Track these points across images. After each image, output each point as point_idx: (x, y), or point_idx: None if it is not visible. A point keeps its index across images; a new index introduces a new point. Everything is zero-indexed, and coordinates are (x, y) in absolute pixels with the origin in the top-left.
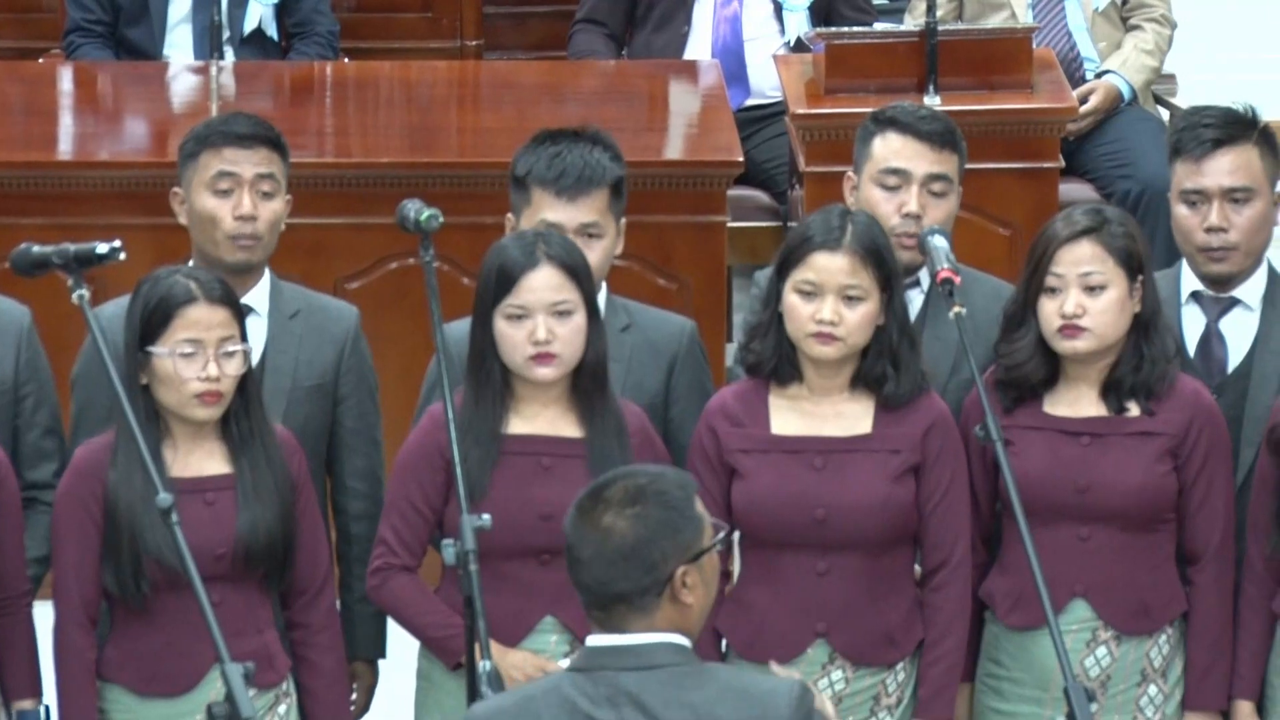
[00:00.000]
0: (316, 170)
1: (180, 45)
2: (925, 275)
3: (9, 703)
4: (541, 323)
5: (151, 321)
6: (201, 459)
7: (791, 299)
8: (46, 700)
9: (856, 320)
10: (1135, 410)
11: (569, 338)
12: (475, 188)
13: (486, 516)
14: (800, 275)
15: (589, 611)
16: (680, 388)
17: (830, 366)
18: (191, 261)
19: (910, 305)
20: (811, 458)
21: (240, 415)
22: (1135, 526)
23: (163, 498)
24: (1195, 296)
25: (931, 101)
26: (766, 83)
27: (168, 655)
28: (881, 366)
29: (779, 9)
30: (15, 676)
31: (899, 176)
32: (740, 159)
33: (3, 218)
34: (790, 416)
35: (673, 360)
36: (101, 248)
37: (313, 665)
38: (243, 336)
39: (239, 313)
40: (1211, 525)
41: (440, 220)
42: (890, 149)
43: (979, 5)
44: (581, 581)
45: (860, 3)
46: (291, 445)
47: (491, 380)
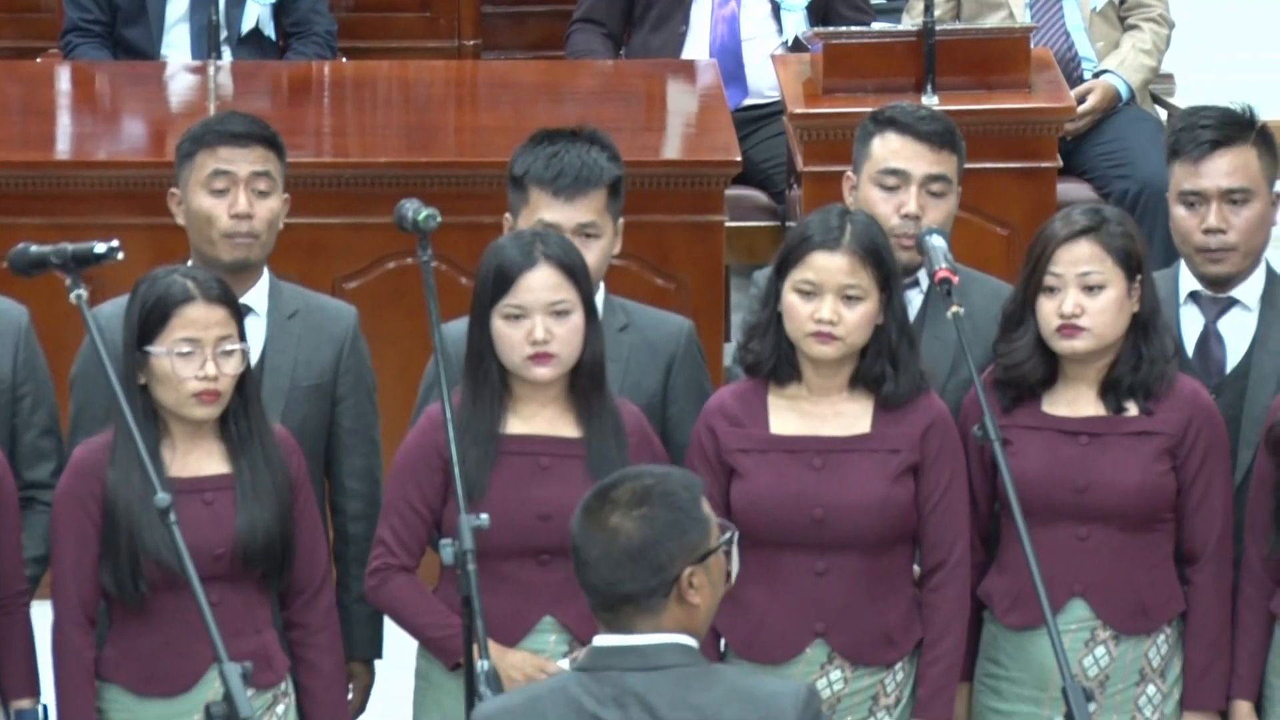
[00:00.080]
0: (314, 170)
1: (178, 45)
2: (924, 275)
3: (7, 702)
4: (539, 323)
5: (149, 321)
6: (200, 459)
7: (790, 298)
8: (45, 700)
9: (855, 320)
10: (1134, 410)
11: (567, 337)
12: (473, 187)
13: (484, 516)
14: (799, 275)
15: (596, 612)
16: (678, 387)
17: (829, 366)
18: (190, 263)
19: (909, 305)
20: (810, 457)
21: (239, 415)
22: (1133, 526)
23: (161, 497)
24: (1193, 296)
25: (929, 101)
26: (764, 82)
27: (166, 655)
28: (880, 366)
29: (777, 9)
30: (13, 676)
31: (898, 177)
32: (738, 159)
33: (1, 217)
34: (789, 416)
35: (671, 360)
36: (99, 247)
37: (311, 665)
38: (241, 336)
39: (237, 312)
40: (1210, 525)
41: (438, 220)
42: (889, 149)
43: (977, 5)
44: (588, 582)
45: (858, 2)
46: (290, 445)
47: (489, 380)
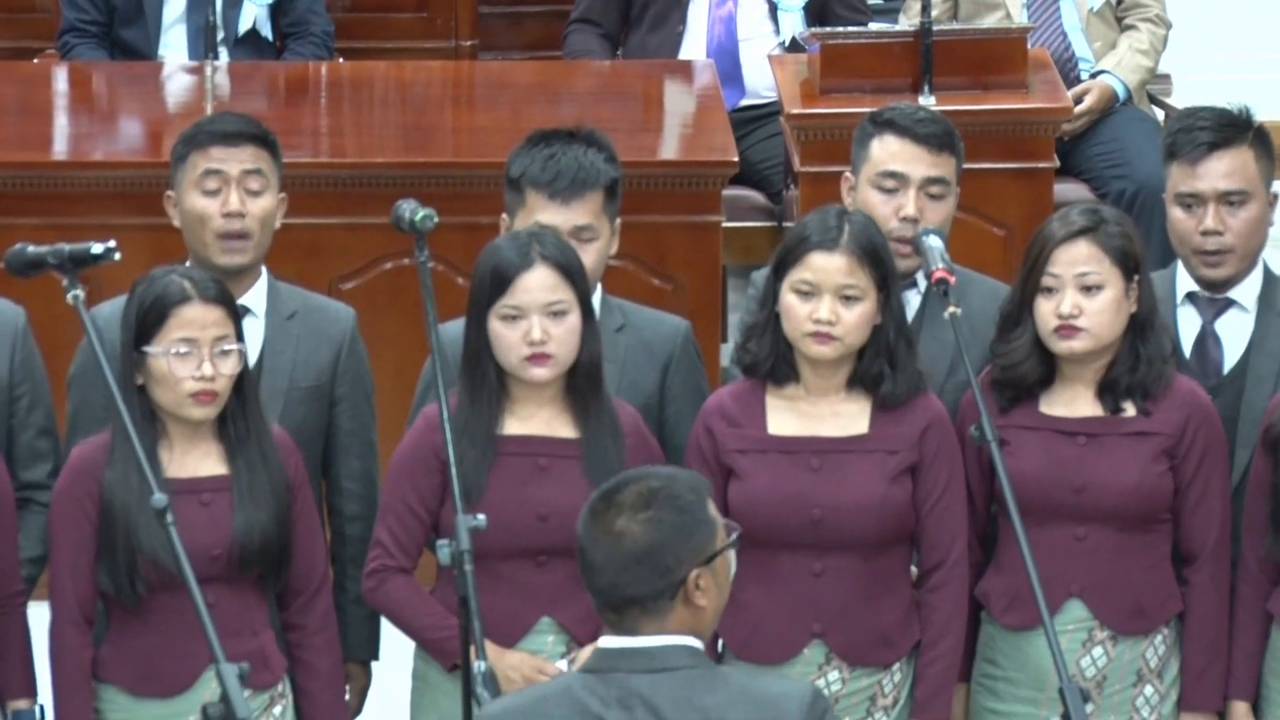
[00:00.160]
0: (311, 170)
1: (175, 46)
2: (922, 276)
3: (4, 702)
4: (536, 323)
5: (146, 321)
6: (198, 459)
7: (788, 299)
8: (41, 700)
9: (854, 320)
10: (1131, 410)
11: (564, 338)
12: (470, 188)
13: (481, 517)
14: (797, 275)
15: (601, 614)
16: (675, 388)
17: (827, 366)
18: (188, 264)
19: (907, 306)
20: (808, 458)
21: (237, 416)
22: (1131, 526)
23: (158, 498)
24: (1191, 297)
25: (926, 101)
26: (761, 83)
27: (163, 655)
28: (878, 366)
29: (774, 9)
30: (10, 676)
31: (897, 180)
32: (735, 159)
33: None
34: (787, 417)
35: (668, 360)
36: (96, 248)
37: (309, 666)
38: (239, 336)
39: (234, 312)
40: (1208, 525)
41: (435, 220)
42: (888, 152)
43: (974, 5)
44: (594, 585)
45: (855, 2)
46: (289, 446)
47: (486, 381)
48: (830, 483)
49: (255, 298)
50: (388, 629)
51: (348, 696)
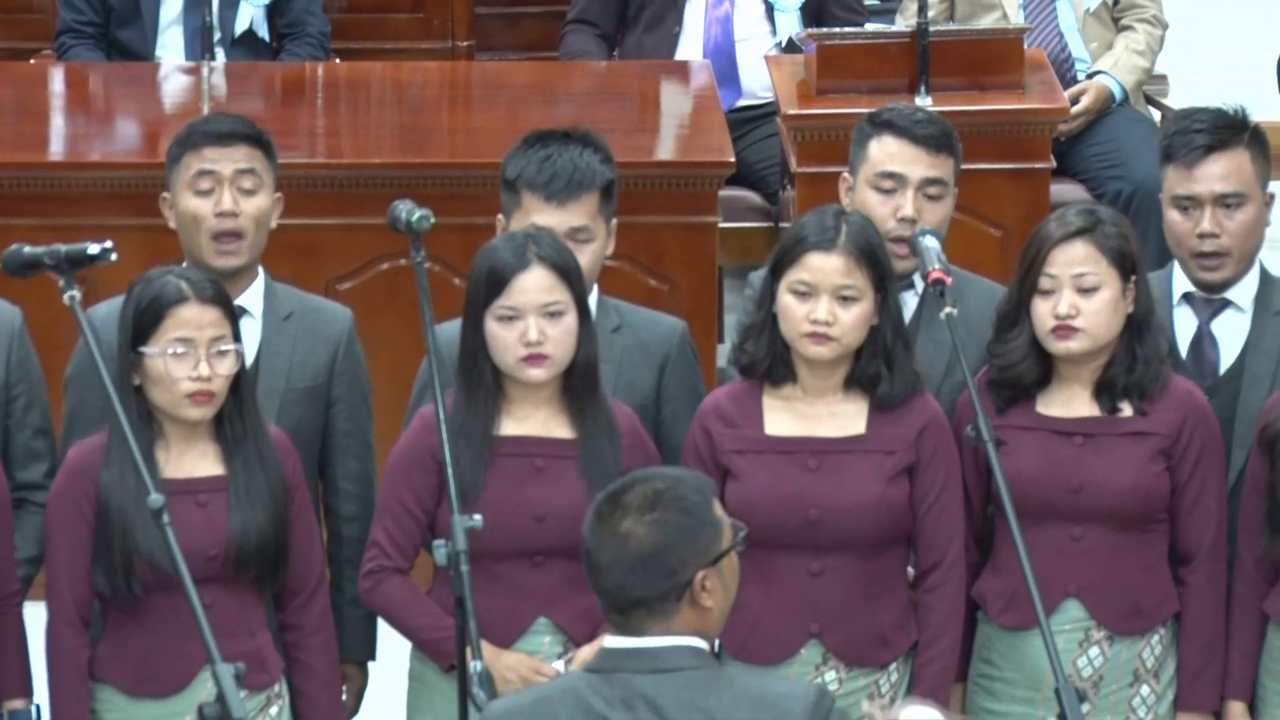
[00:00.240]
0: (308, 171)
1: (172, 47)
2: (920, 277)
3: (1, 702)
4: (533, 324)
5: (143, 321)
6: (194, 460)
7: (786, 299)
8: (38, 700)
9: (851, 320)
10: (1128, 410)
11: (560, 339)
12: (466, 188)
13: (478, 517)
14: (795, 275)
15: (607, 615)
16: (671, 388)
17: (824, 367)
18: (184, 265)
19: (905, 307)
20: (805, 458)
21: (234, 416)
22: (1128, 527)
23: (154, 499)
24: (1187, 298)
25: (923, 102)
26: (758, 83)
27: (159, 656)
28: (875, 367)
29: (770, 9)
30: (6, 676)
31: (895, 180)
32: (732, 160)
33: None
34: (784, 417)
35: (664, 361)
36: (93, 248)
37: (306, 667)
38: (236, 337)
39: (231, 313)
40: (1204, 526)
41: (431, 221)
42: (886, 152)
43: (970, 6)
44: (600, 587)
45: (852, 3)
46: (286, 447)
47: (483, 381)
48: (828, 483)
49: (252, 298)
50: (384, 629)
51: (345, 697)
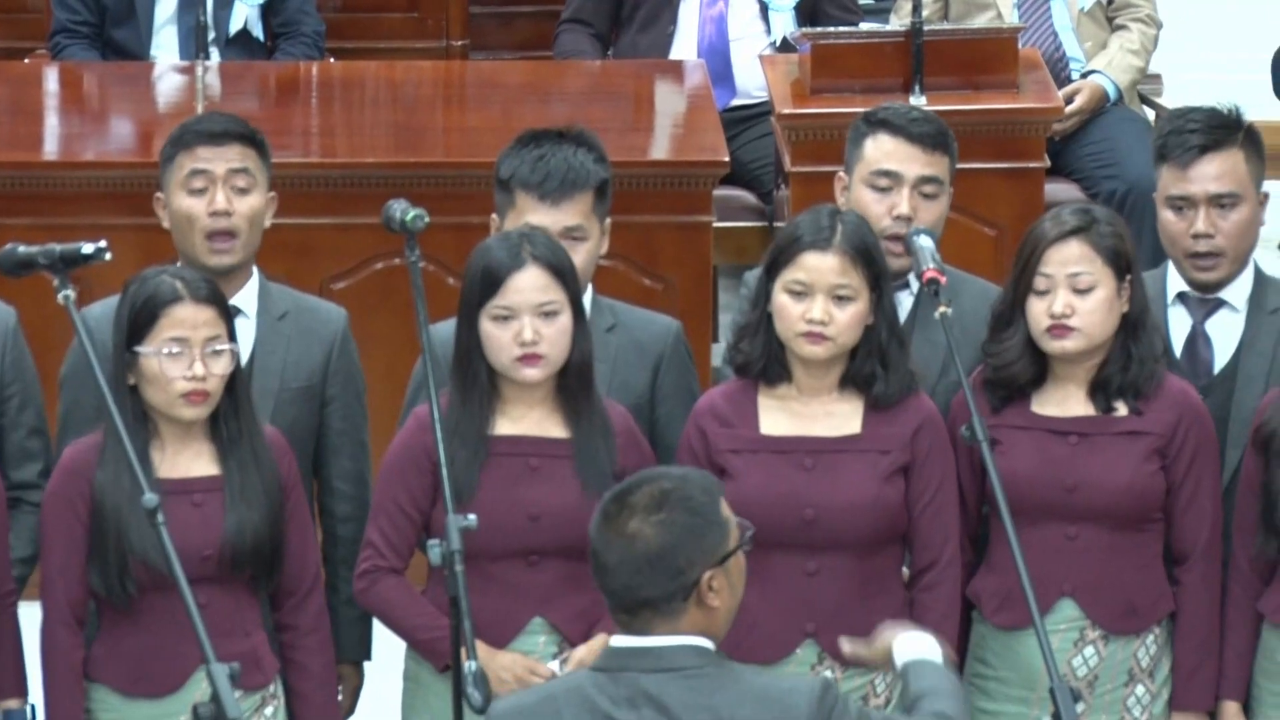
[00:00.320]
0: (302, 170)
1: (166, 46)
2: (915, 277)
3: None
4: (528, 323)
5: (138, 321)
6: (190, 460)
7: (781, 299)
8: (33, 700)
9: (846, 320)
10: (1123, 410)
11: (555, 338)
12: (461, 188)
13: (472, 517)
14: (790, 275)
15: (614, 615)
16: (666, 388)
17: (819, 366)
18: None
19: (900, 307)
20: (801, 458)
21: (229, 416)
22: (1123, 526)
23: (148, 498)
24: (1181, 297)
25: (917, 101)
26: (752, 83)
27: (154, 655)
28: (870, 366)
29: (765, 9)
30: (1, 676)
31: (891, 178)
32: (726, 159)
33: None
34: (779, 417)
35: (658, 360)
36: (87, 248)
37: (301, 667)
38: (231, 336)
39: (226, 312)
40: (1199, 525)
41: (426, 220)
42: (882, 151)
43: (964, 5)
44: (607, 587)
45: (846, 2)
46: (282, 447)
47: (478, 381)
48: (823, 482)
49: (246, 298)
50: (380, 629)
51: (340, 697)
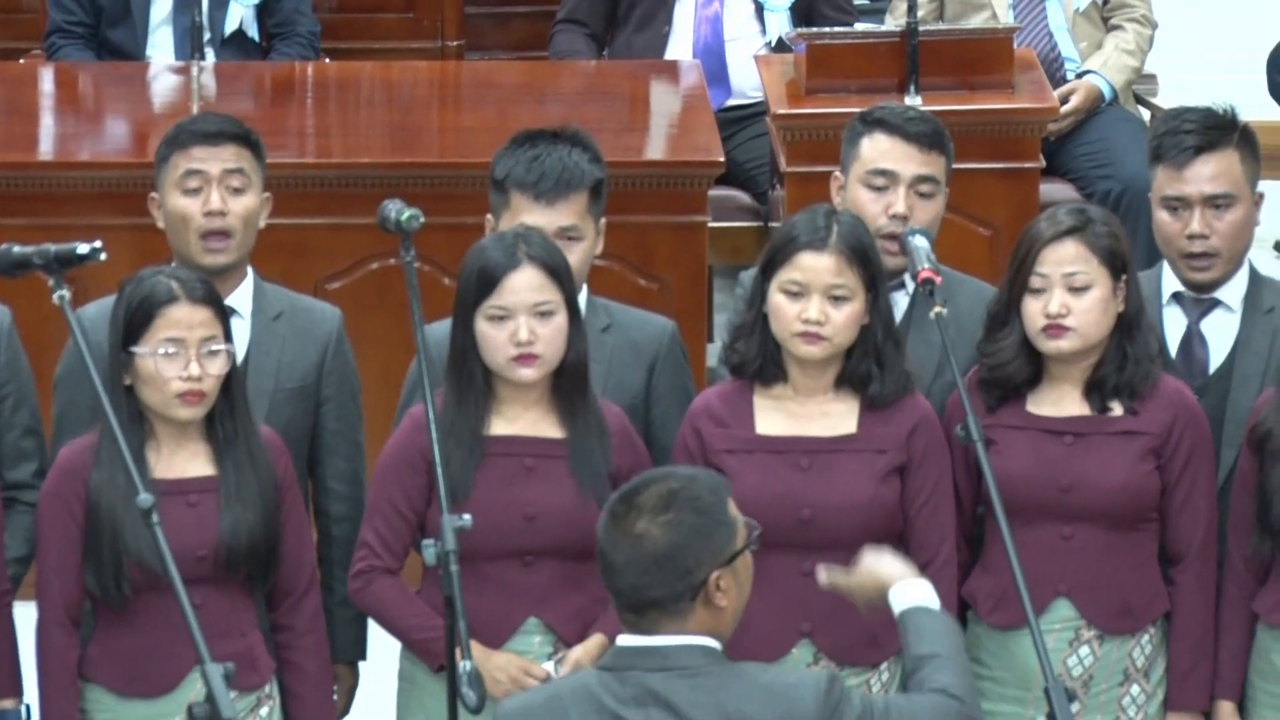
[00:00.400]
0: (297, 170)
1: (162, 46)
2: (910, 277)
3: None
4: (523, 323)
5: (134, 321)
6: (185, 460)
7: (777, 299)
8: (28, 699)
9: (842, 320)
10: (1118, 410)
11: (550, 338)
12: (456, 188)
13: (467, 517)
14: (786, 275)
15: (621, 615)
16: (661, 388)
17: (815, 366)
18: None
19: (895, 307)
20: (797, 458)
21: (225, 417)
22: (1118, 526)
23: (143, 499)
24: (1176, 297)
25: (912, 101)
26: (747, 83)
27: (149, 656)
28: (866, 366)
29: (760, 9)
30: None
31: (887, 178)
32: (721, 159)
33: None
34: (775, 417)
35: (654, 360)
36: (82, 248)
37: (297, 668)
38: (227, 337)
39: (222, 312)
40: (1194, 525)
41: (421, 220)
42: (878, 150)
43: (960, 5)
44: (614, 587)
45: (841, 3)
46: (278, 447)
47: (473, 381)
48: (819, 482)
49: (241, 298)
50: (375, 630)
51: (335, 697)
